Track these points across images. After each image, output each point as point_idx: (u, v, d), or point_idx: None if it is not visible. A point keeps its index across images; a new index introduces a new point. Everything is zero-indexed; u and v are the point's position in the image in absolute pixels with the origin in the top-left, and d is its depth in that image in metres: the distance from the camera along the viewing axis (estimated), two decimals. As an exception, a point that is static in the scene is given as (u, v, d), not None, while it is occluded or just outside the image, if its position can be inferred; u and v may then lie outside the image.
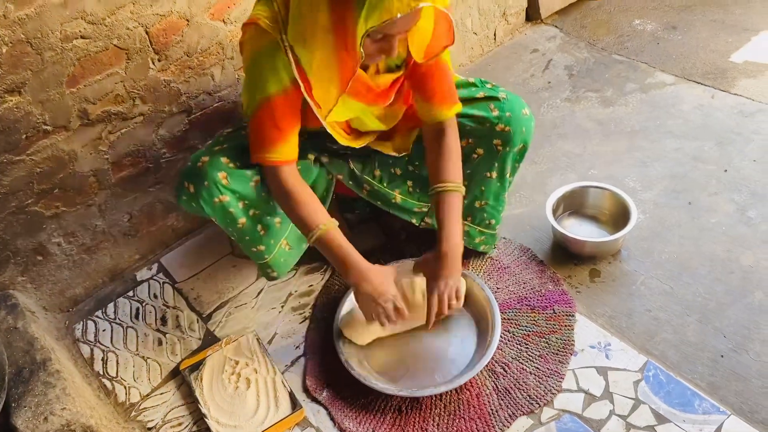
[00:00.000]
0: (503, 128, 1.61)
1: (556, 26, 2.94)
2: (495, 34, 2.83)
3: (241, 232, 1.59)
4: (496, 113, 1.61)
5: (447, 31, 1.36)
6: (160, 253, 2.12)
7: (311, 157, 1.70)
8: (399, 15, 1.18)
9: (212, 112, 1.99)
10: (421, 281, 1.67)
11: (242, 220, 1.57)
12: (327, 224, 1.50)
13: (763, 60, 2.50)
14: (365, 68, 1.46)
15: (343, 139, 1.60)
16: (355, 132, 1.65)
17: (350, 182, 1.76)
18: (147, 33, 1.72)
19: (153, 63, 1.78)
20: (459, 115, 1.60)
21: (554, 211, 1.91)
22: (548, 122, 2.41)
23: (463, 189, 1.59)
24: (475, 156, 1.68)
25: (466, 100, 1.63)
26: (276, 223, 1.65)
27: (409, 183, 1.78)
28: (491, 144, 1.64)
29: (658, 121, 2.32)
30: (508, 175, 1.72)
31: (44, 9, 1.52)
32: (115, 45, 1.68)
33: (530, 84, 2.62)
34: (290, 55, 1.35)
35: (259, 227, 1.61)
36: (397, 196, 1.79)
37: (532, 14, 2.95)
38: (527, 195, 2.11)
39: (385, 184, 1.78)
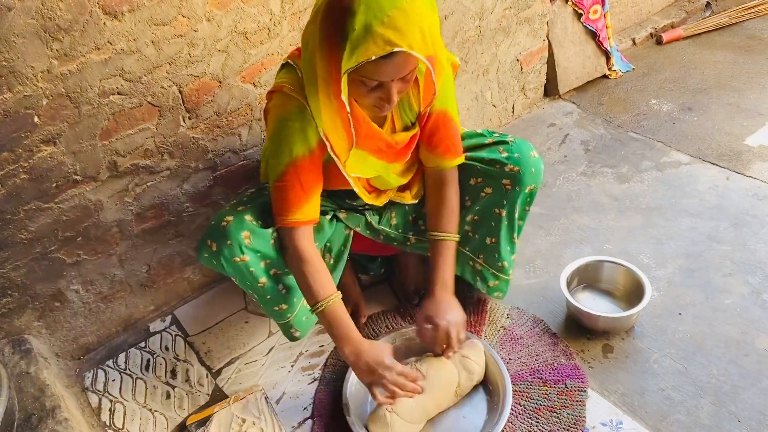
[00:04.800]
0: (512, 168, 1.65)
1: (573, 102, 3.02)
2: (513, 108, 2.91)
3: (262, 291, 1.60)
4: (505, 154, 1.66)
5: (432, 80, 1.40)
6: (175, 305, 2.13)
7: (328, 215, 1.73)
8: (374, 57, 1.22)
9: (237, 170, 2.04)
10: (428, 363, 1.66)
11: (263, 279, 1.58)
12: (334, 297, 1.54)
13: (777, 145, 2.55)
14: (380, 125, 1.52)
15: (367, 198, 1.64)
16: (376, 190, 1.70)
17: (367, 232, 1.80)
18: (180, 92, 1.80)
19: (184, 120, 1.84)
20: (469, 159, 1.67)
21: (568, 284, 1.92)
22: (564, 195, 2.44)
23: (456, 237, 1.70)
24: (484, 194, 1.72)
25: (475, 147, 1.69)
26: None
27: (420, 222, 1.82)
28: (500, 183, 1.68)
29: (673, 200, 2.34)
30: (517, 217, 1.74)
31: (86, 65, 1.60)
32: (149, 102, 1.75)
33: (546, 157, 2.66)
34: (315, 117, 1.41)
35: (280, 286, 1.63)
36: (412, 238, 1.85)
37: (550, 90, 3.03)
38: (541, 266, 2.12)
39: (400, 231, 1.83)
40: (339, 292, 1.57)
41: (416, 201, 1.76)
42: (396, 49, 1.22)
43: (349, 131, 1.42)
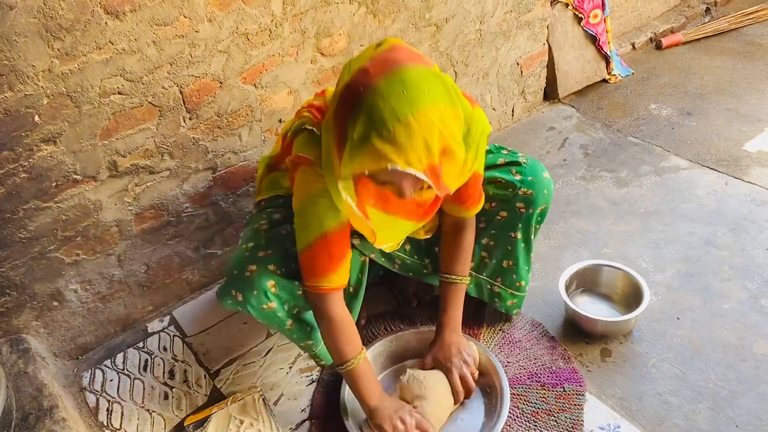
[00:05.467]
0: (526, 192, 1.66)
1: (572, 106, 3.02)
2: (513, 111, 2.91)
3: (289, 332, 1.60)
4: (518, 177, 1.66)
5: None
6: (173, 306, 2.13)
7: None
8: (367, 172, 1.20)
9: (236, 171, 2.04)
10: (429, 372, 1.69)
11: (289, 322, 1.57)
12: (360, 357, 1.55)
13: (776, 150, 2.55)
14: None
15: (387, 246, 1.62)
16: None
17: (382, 259, 1.77)
18: (181, 93, 1.80)
19: (184, 121, 1.84)
20: (483, 182, 1.63)
21: (567, 288, 1.92)
22: (563, 199, 2.44)
23: (468, 280, 1.73)
24: (499, 218, 1.72)
25: (487, 167, 1.66)
26: None
27: (436, 249, 1.80)
28: (515, 207, 1.68)
29: (671, 204, 2.35)
30: (532, 236, 1.75)
31: (87, 65, 1.60)
32: (149, 102, 1.75)
33: (546, 160, 2.67)
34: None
35: (304, 324, 1.61)
36: (429, 266, 1.83)
37: (550, 93, 3.03)
38: (540, 269, 2.13)
39: (415, 257, 1.81)
40: (364, 348, 1.57)
41: (429, 236, 1.73)
42: (390, 167, 1.16)
43: (367, 225, 1.41)
